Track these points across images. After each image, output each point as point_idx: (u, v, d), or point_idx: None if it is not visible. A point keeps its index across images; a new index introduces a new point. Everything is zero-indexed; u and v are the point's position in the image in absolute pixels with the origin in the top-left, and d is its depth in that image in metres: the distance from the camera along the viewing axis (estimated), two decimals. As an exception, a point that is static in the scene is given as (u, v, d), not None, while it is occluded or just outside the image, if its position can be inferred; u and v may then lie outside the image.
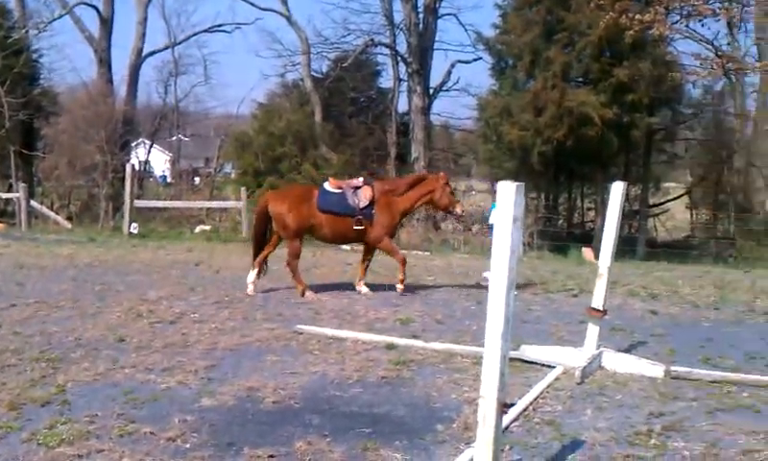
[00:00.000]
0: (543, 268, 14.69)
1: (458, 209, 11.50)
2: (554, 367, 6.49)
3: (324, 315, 8.94)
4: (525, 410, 5.40)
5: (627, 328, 8.53)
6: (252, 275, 10.64)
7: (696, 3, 17.92)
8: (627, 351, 7.32)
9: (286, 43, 29.38)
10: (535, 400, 5.64)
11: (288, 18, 25.81)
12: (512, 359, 6.76)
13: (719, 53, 20.43)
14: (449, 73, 26.18)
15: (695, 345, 7.83)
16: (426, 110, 24.42)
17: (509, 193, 3.57)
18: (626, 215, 25.90)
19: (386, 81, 28.75)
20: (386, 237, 10.78)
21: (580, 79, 20.03)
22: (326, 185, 10.82)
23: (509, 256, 3.60)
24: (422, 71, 24.01)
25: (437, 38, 25.65)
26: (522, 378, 6.28)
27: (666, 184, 32.56)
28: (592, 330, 6.68)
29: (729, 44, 21.77)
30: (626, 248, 19.89)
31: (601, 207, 19.71)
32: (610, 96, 18.51)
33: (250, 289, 10.47)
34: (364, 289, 10.80)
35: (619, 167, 23.38)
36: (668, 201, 30.06)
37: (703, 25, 20.23)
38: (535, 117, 18.70)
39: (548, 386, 6.01)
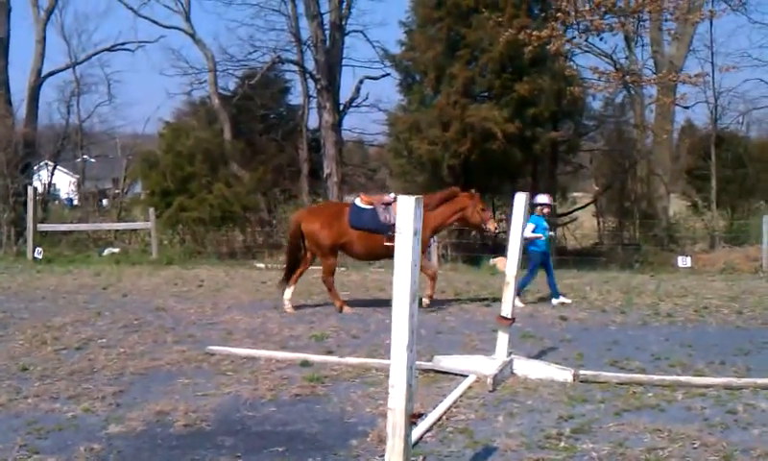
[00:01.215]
0: (458, 279, 14.86)
1: (490, 226, 11.54)
2: (467, 376, 6.57)
3: (236, 335, 8.82)
4: (439, 420, 5.45)
5: (537, 335, 8.72)
6: (289, 292, 10.71)
7: (592, 19, 18.55)
8: (537, 357, 7.49)
9: (191, 61, 28.97)
10: (448, 409, 5.69)
11: (192, 36, 25.47)
12: (426, 370, 6.89)
13: (618, 66, 21.17)
14: (358, 89, 26.32)
15: (603, 348, 8.06)
16: (337, 126, 24.47)
17: (409, 207, 3.60)
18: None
19: (295, 97, 28.73)
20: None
21: (484, 94, 20.41)
22: (358, 202, 10.87)
23: (411, 269, 3.63)
24: (331, 87, 24.04)
25: (345, 55, 25.74)
26: (436, 389, 6.34)
27: (574, 194, 33.47)
28: (502, 338, 6.79)
29: (627, 58, 22.56)
30: (536, 257, 20.32)
31: (510, 219, 20.05)
32: (512, 110, 18.88)
33: (288, 306, 10.55)
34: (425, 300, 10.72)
35: (526, 178, 23.92)
36: (576, 210, 30.85)
37: (601, 39, 21.00)
38: (442, 132, 18.94)
39: (461, 395, 6.08)
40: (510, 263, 6.82)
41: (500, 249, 21.79)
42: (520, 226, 6.75)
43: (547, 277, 11.73)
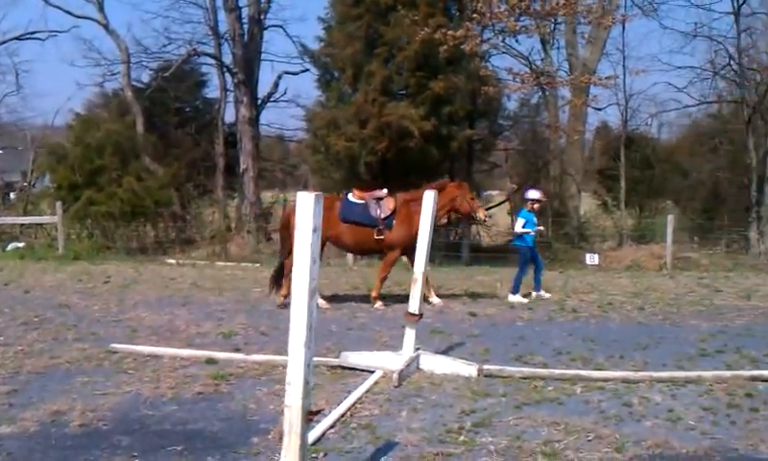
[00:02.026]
0: (372, 276, 14.85)
1: (480, 214, 11.68)
2: (373, 372, 6.60)
3: (141, 332, 8.62)
4: (343, 416, 5.45)
5: (446, 331, 8.81)
6: (284, 288, 10.60)
7: (507, 20, 18.85)
8: (444, 352, 7.56)
9: (104, 52, 28.17)
10: (353, 405, 5.70)
11: (105, 26, 24.73)
12: (333, 366, 6.89)
13: (533, 68, 21.59)
14: (277, 84, 26.04)
15: (509, 344, 8.20)
16: (254, 121, 24.14)
17: (308, 203, 3.59)
18: (451, 222, 26.85)
19: (212, 91, 28.26)
20: (398, 250, 10.89)
21: (402, 92, 20.49)
22: (350, 196, 10.91)
23: (310, 265, 3.62)
24: (249, 82, 23.70)
25: (263, 49, 25.41)
26: (342, 385, 6.34)
27: (489, 192, 34.02)
28: (409, 334, 6.85)
29: (542, 60, 23.03)
30: (451, 253, 20.58)
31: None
32: (428, 109, 18.99)
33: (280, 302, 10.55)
34: (378, 303, 10.73)
35: (443, 176, 24.15)
36: (490, 207, 31.35)
37: (517, 41, 21.38)
38: (360, 129, 18.94)
39: (367, 391, 6.10)
40: (418, 260, 6.87)
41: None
42: (429, 223, 6.79)
43: (535, 271, 11.86)
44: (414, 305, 6.81)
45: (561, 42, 23.41)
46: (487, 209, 30.30)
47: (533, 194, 12.00)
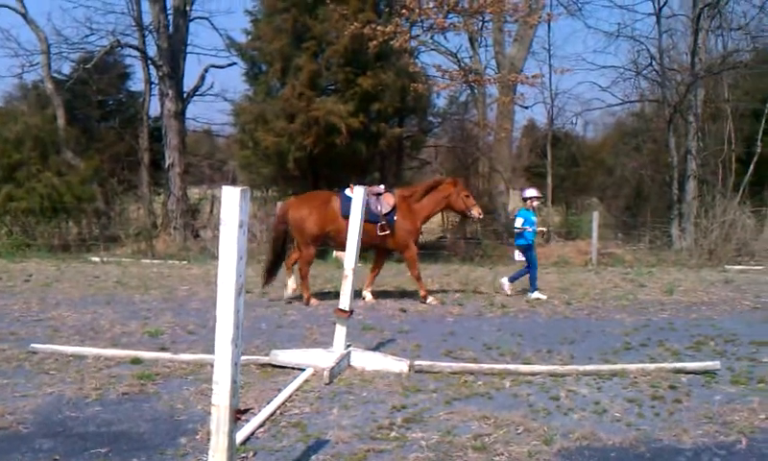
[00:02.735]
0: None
1: (475, 212, 11.57)
2: (304, 369, 6.54)
3: (64, 332, 8.35)
4: (273, 415, 5.37)
5: (377, 327, 8.81)
6: (292, 281, 10.93)
7: (435, 17, 18.96)
8: (376, 348, 7.55)
9: (23, 42, 27.16)
10: (283, 403, 5.63)
11: (24, 15, 23.88)
12: (262, 365, 6.79)
13: (461, 65, 21.78)
14: (203, 77, 25.54)
15: (439, 339, 8.24)
16: (180, 115, 23.61)
17: (234, 198, 3.51)
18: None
19: (136, 84, 27.55)
20: (413, 245, 11.10)
21: (330, 87, 20.39)
22: (348, 192, 10.62)
23: (236, 261, 3.54)
24: (175, 75, 23.15)
25: (189, 42, 24.85)
26: (272, 383, 6.26)
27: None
28: (340, 331, 6.80)
29: (471, 57, 23.24)
30: (381, 250, 20.58)
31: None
32: (356, 105, 18.92)
33: (288, 294, 10.89)
34: (368, 297, 10.95)
35: (374, 173, 24.17)
36: (421, 204, 31.55)
37: (446, 38, 21.54)
38: (288, 124, 18.75)
39: (297, 389, 6.03)
40: (348, 257, 6.83)
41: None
42: (359, 219, 6.76)
43: (524, 270, 11.96)
44: (345, 302, 6.77)
45: (488, 40, 23.69)
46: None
47: (530, 192, 12.21)
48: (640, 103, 31.78)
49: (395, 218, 10.82)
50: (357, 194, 6.74)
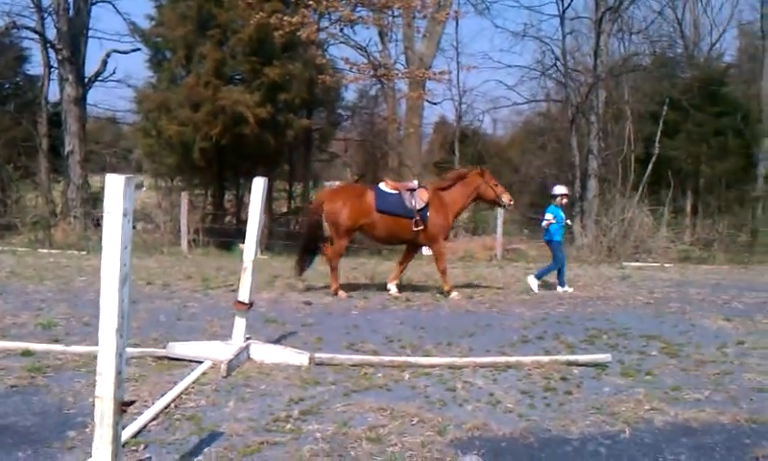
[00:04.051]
0: (208, 265, 14.58)
1: (505, 199, 11.54)
2: (201, 362, 6.43)
3: (-51, 324, 7.98)
4: (167, 407, 5.27)
5: (280, 320, 8.74)
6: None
7: (343, 11, 18.97)
8: (277, 341, 7.48)
9: None
10: (178, 396, 5.53)
11: None
12: (159, 357, 6.65)
13: (370, 59, 21.86)
14: (105, 63, 24.82)
15: (342, 332, 8.24)
16: (81, 101, 22.86)
17: (118, 186, 3.42)
18: (291, 212, 26.75)
19: (34, 67, 26.65)
20: (442, 240, 11.15)
21: (237, 76, 20.16)
22: (383, 186, 11.04)
23: (121, 251, 3.46)
24: (75, 59, 22.38)
25: (91, 26, 24.08)
26: (168, 376, 6.12)
27: (329, 182, 34.17)
28: (239, 323, 6.72)
29: (380, 52, 23.37)
30: (290, 243, 20.46)
31: (266, 204, 20.03)
32: (263, 95, 18.78)
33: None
34: (393, 290, 11.12)
35: (282, 165, 24.02)
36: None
37: (354, 31, 21.57)
38: (192, 113, 18.44)
39: (193, 382, 5.93)
40: (247, 248, 6.74)
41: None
42: (258, 211, 6.68)
43: (550, 265, 12.29)
44: (244, 294, 6.69)
45: (398, 36, 23.87)
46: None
47: (559, 189, 12.45)
48: (546, 102, 32.61)
49: (428, 213, 10.87)
50: (256, 185, 6.66)
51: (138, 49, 23.93)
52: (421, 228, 10.84)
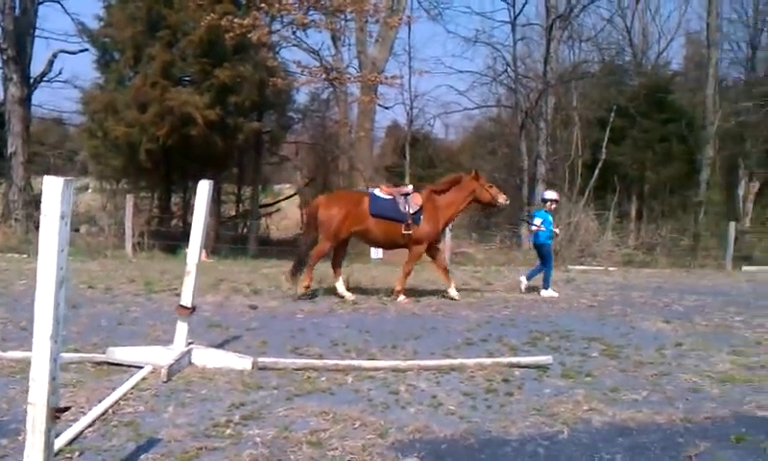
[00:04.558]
0: (152, 268, 14.38)
1: (501, 199, 11.62)
2: (141, 367, 6.34)
3: None
4: (104, 414, 5.18)
5: (224, 324, 8.66)
6: (341, 285, 11.15)
7: (295, 14, 18.91)
8: (220, 346, 7.41)
9: None
10: (116, 402, 5.44)
11: None
12: (98, 363, 6.54)
13: (323, 62, 21.82)
14: (51, 63, 24.34)
15: (287, 336, 8.20)
16: (26, 101, 22.38)
17: (56, 188, 3.37)
18: (239, 215, 26.58)
19: (-22, 67, 25.89)
20: (425, 244, 11.14)
21: (186, 78, 19.96)
22: (377, 192, 11.20)
23: (57, 254, 3.40)
24: (20, 59, 21.93)
25: (38, 25, 23.61)
26: (107, 382, 6.02)
27: (279, 186, 34.04)
28: (181, 328, 6.65)
29: (333, 56, 23.34)
30: (238, 246, 20.35)
31: (213, 207, 19.86)
32: (213, 97, 18.63)
33: (348, 296, 10.94)
34: (453, 292, 11.26)
35: (231, 168, 23.86)
36: (280, 201, 31.40)
37: (306, 35, 21.53)
38: (140, 114, 18.20)
39: (132, 387, 5.84)
40: (191, 252, 6.67)
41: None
42: (203, 214, 6.62)
43: (539, 268, 12.41)
44: (186, 298, 6.62)
45: (351, 40, 23.89)
46: (275, 203, 30.58)
47: (550, 194, 12.75)
48: (496, 108, 32.96)
49: (421, 218, 10.98)
50: (201, 188, 6.60)
51: (86, 50, 23.49)
52: (411, 232, 10.95)
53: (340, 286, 11.14)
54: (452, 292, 11.28)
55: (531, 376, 6.61)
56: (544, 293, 12.12)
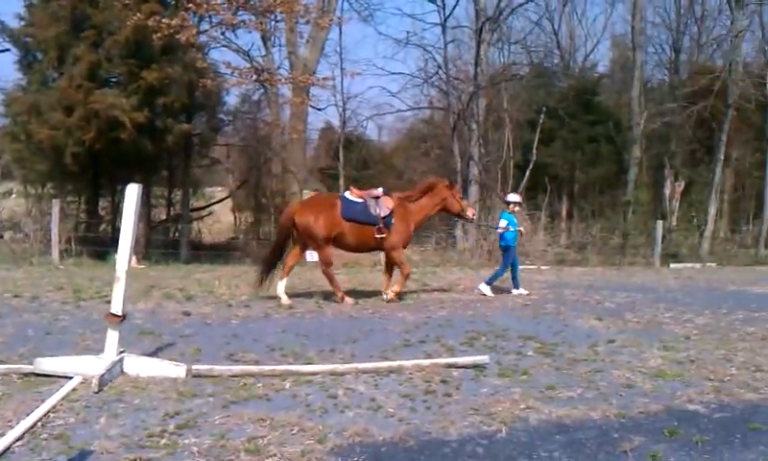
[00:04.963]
0: (80, 275, 14.00)
1: (469, 213, 12.07)
2: (71, 378, 6.14)
3: None
4: (33, 427, 4.99)
5: (156, 331, 8.46)
6: (282, 285, 10.98)
7: (224, 14, 18.67)
8: (153, 354, 7.23)
9: None
10: (45, 414, 5.24)
11: None
12: (25, 374, 6.31)
13: (253, 63, 21.60)
14: (-30, 64, 23.66)
15: (222, 342, 8.05)
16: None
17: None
18: (170, 219, 26.13)
19: None
20: (401, 247, 11.34)
21: (113, 79, 19.52)
22: (348, 195, 11.23)
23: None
24: (-61, 60, 21.30)
25: (-42, 26, 22.78)
26: (35, 394, 5.81)
27: (211, 189, 33.54)
28: (112, 336, 6.45)
29: (263, 57, 23.14)
30: (169, 251, 20.00)
31: (143, 211, 19.46)
32: (141, 99, 18.28)
33: (284, 300, 10.81)
34: (389, 295, 11.31)
35: (161, 171, 23.42)
36: (211, 204, 30.98)
37: (236, 35, 21.30)
38: (65, 117, 17.70)
39: (62, 399, 5.65)
40: (120, 258, 6.49)
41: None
42: (132, 219, 6.45)
43: (512, 270, 12.65)
44: (116, 306, 6.43)
45: (282, 40, 23.75)
46: (206, 207, 30.19)
47: (513, 197, 13.01)
48: (429, 109, 33.18)
49: (392, 221, 11.08)
50: (130, 192, 6.42)
51: (7, 50, 22.75)
52: (384, 235, 11.02)
53: (281, 287, 11.06)
54: (390, 295, 11.34)
55: (469, 376, 6.63)
56: (515, 291, 12.57)
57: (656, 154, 31.34)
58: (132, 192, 6.42)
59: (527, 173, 26.65)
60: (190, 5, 17.84)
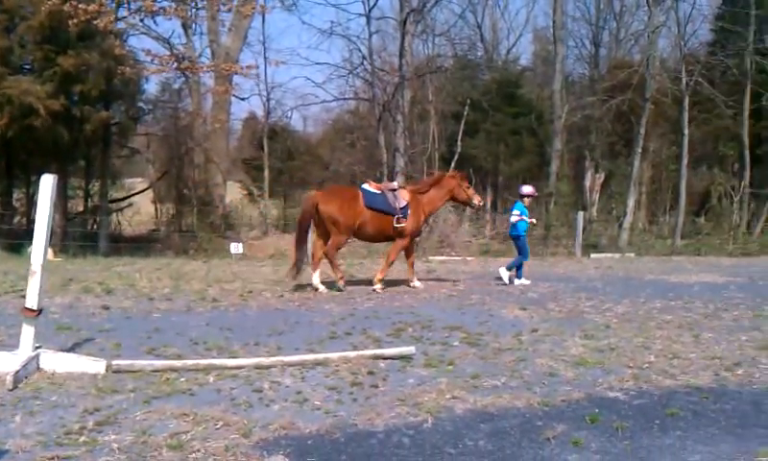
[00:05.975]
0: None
1: (476, 201, 12.65)
2: (-16, 375, 5.89)
3: None
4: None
5: (75, 326, 8.22)
6: (317, 277, 11.54)
7: (143, 1, 18.22)
8: (71, 349, 7.03)
9: None
10: (-45, 415, 5.03)
11: None
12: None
13: (173, 51, 21.15)
14: None
15: (143, 336, 7.87)
16: None
17: None
18: (88, 211, 25.42)
19: None
20: (408, 237, 11.92)
21: (27, 65, 18.85)
22: (367, 187, 11.86)
23: None
24: None
25: None
26: (-55, 393, 5.57)
27: (131, 180, 32.76)
28: (27, 332, 6.23)
29: (184, 44, 22.69)
30: (87, 244, 19.45)
31: (59, 203, 18.87)
32: (56, 86, 17.72)
33: (321, 289, 11.38)
34: (417, 284, 12.15)
35: (78, 161, 22.74)
36: (131, 195, 30.26)
37: (155, 22, 20.83)
38: (-25, 104, 17.08)
39: (-26, 397, 5.43)
40: (36, 251, 6.27)
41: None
42: (47, 211, 6.22)
43: (518, 257, 13.08)
44: (32, 300, 6.20)
45: (203, 28, 23.34)
46: (127, 197, 29.51)
47: (527, 189, 13.21)
48: (354, 100, 33.12)
49: (408, 212, 11.69)
50: (45, 183, 6.19)
51: None
52: (402, 225, 11.62)
53: (316, 279, 11.56)
54: (416, 283, 12.12)
55: (395, 367, 6.64)
56: (517, 282, 12.80)
57: (577, 146, 32.01)
58: (48, 182, 6.20)
59: (452, 165, 26.80)
60: (108, -10, 17.40)
